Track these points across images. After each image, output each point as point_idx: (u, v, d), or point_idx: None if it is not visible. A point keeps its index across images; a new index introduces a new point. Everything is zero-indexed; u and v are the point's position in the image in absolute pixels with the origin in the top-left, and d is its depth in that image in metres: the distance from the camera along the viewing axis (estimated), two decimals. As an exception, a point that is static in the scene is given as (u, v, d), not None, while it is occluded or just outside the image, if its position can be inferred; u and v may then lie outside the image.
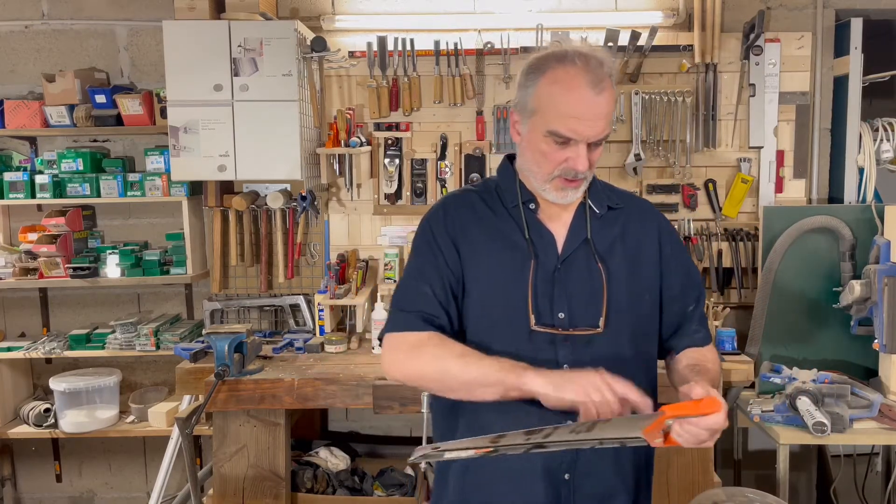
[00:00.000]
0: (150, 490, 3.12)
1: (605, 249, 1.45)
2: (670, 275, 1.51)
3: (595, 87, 1.32)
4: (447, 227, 1.47)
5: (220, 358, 2.44)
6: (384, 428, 3.43)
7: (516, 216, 1.46)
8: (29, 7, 3.25)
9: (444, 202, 1.54)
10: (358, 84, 3.19)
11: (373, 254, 3.25)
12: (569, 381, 1.24)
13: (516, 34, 3.09)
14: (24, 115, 3.11)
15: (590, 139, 1.34)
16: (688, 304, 1.53)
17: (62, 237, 3.14)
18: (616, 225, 1.49)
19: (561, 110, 1.33)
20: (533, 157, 1.41)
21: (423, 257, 1.48)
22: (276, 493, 2.55)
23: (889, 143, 3.08)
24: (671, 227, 1.57)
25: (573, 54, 1.34)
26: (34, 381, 3.43)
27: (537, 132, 1.37)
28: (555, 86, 1.34)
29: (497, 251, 1.44)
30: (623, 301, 1.43)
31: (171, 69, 2.76)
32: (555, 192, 1.40)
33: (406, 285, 1.48)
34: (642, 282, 1.47)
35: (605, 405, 1.21)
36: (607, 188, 1.55)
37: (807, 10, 3.14)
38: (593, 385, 1.22)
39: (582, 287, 1.42)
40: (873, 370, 2.86)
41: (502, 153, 3.16)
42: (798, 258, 2.94)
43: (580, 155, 1.35)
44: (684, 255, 1.57)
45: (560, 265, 1.43)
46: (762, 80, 3.10)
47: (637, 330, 1.46)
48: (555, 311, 1.41)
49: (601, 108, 1.33)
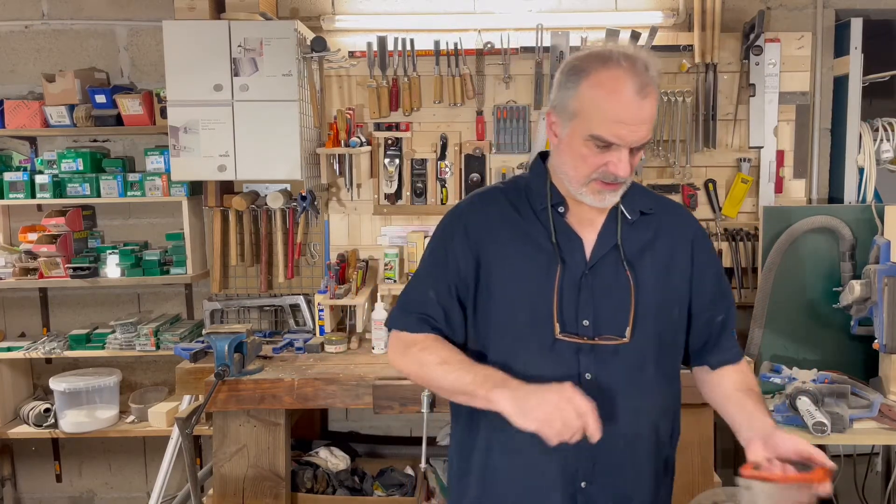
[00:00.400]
0: (150, 490, 3.12)
1: (634, 256, 1.41)
2: (701, 284, 1.47)
3: (640, 91, 1.27)
4: (468, 230, 1.45)
5: (220, 358, 2.44)
6: (384, 428, 3.43)
7: (544, 219, 1.42)
8: (29, 7, 3.25)
9: (469, 202, 1.52)
10: (358, 84, 3.19)
11: (373, 254, 3.25)
12: (532, 407, 1.23)
13: (516, 34, 3.09)
14: (24, 115, 3.11)
15: (632, 144, 1.30)
16: (716, 314, 1.49)
17: (62, 237, 3.14)
18: (648, 231, 1.44)
19: (605, 114, 1.28)
20: (571, 161, 1.35)
21: (436, 258, 1.48)
22: (276, 493, 2.55)
23: (889, 143, 3.08)
24: (705, 235, 1.52)
25: (618, 55, 1.29)
26: (34, 381, 3.43)
27: (578, 135, 1.32)
28: (598, 89, 1.29)
29: (523, 255, 1.41)
30: (650, 310, 1.39)
31: (171, 69, 2.76)
32: (592, 195, 1.35)
33: (414, 285, 1.50)
34: (671, 291, 1.43)
35: (566, 431, 1.21)
36: (643, 192, 1.50)
37: (807, 10, 3.14)
38: (556, 409, 1.21)
39: (609, 294, 1.39)
40: (873, 370, 2.85)
41: (502, 153, 3.17)
42: (798, 258, 2.93)
43: (622, 160, 1.30)
44: (716, 265, 1.52)
45: (587, 271, 1.39)
46: (762, 80, 3.10)
47: (663, 340, 1.42)
48: (580, 318, 1.38)
49: (645, 112, 1.29)
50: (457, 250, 1.44)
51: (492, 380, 1.30)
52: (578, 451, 1.35)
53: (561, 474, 1.39)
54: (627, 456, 1.40)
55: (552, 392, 1.23)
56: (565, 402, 1.21)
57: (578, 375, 1.36)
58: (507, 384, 1.29)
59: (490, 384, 1.29)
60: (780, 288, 2.92)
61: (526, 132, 3.16)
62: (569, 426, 1.20)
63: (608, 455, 1.37)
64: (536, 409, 1.22)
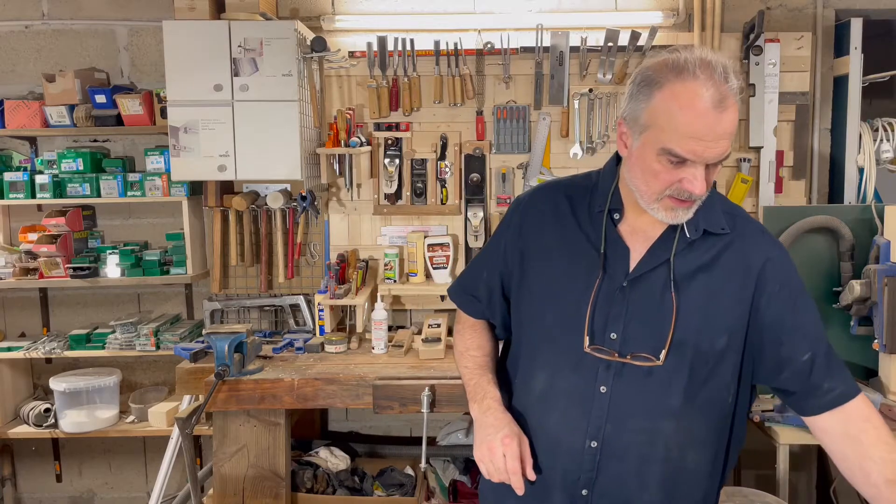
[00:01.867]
0: (150, 490, 3.12)
1: (684, 276, 1.33)
2: (771, 317, 1.33)
3: (719, 104, 1.18)
4: (522, 222, 1.49)
5: (220, 358, 2.44)
6: (384, 428, 3.43)
7: (597, 224, 1.38)
8: (29, 7, 3.25)
9: (532, 191, 1.54)
10: (358, 84, 3.19)
11: (373, 254, 3.25)
12: (478, 441, 1.38)
13: (516, 34, 3.09)
14: (24, 115, 3.11)
15: (710, 161, 1.22)
16: (799, 353, 1.33)
17: (62, 237, 3.14)
18: (709, 252, 1.34)
19: (680, 130, 1.19)
20: (642, 176, 1.28)
21: (493, 243, 1.57)
22: (276, 493, 2.55)
23: (889, 143, 3.08)
24: (785, 264, 1.36)
25: (694, 64, 1.20)
26: (34, 381, 3.43)
27: (650, 149, 1.24)
28: (673, 102, 1.20)
29: (565, 256, 1.39)
30: (690, 336, 1.32)
31: (171, 69, 2.76)
32: (664, 211, 1.28)
33: (475, 262, 1.63)
34: (719, 320, 1.33)
35: (494, 474, 1.35)
36: (717, 207, 1.38)
37: (807, 10, 3.14)
38: (489, 452, 1.35)
39: (647, 312, 1.33)
40: (873, 370, 2.85)
41: (503, 153, 3.17)
42: (798, 258, 2.90)
43: (697, 178, 1.22)
44: (798, 297, 1.35)
45: (626, 283, 1.34)
46: (762, 80, 3.10)
47: (697, 370, 1.33)
48: (608, 331, 1.33)
49: (724, 127, 1.19)
50: (508, 240, 1.50)
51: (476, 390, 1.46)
52: (581, 458, 1.36)
53: (562, 481, 1.39)
54: (634, 475, 1.36)
55: (493, 436, 1.36)
56: (496, 451, 1.34)
57: (593, 387, 1.35)
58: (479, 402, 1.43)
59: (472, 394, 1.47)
60: (780, 288, 2.92)
61: (526, 132, 3.16)
62: (496, 472, 1.34)
63: (613, 469, 1.36)
64: (479, 445, 1.37)
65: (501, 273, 1.51)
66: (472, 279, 1.60)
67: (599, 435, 1.35)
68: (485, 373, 1.50)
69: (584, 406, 1.35)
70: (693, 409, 1.35)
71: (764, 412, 2.61)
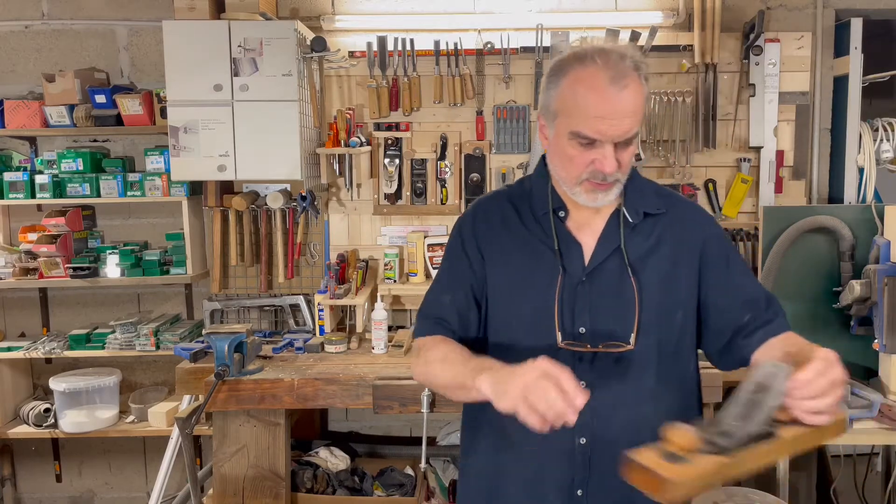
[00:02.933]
0: (150, 490, 3.12)
1: (638, 260, 1.38)
2: (714, 286, 1.40)
3: (616, 83, 1.25)
4: (476, 233, 1.47)
5: (220, 358, 2.44)
6: (384, 428, 3.43)
7: (546, 225, 1.41)
8: (29, 7, 3.25)
9: (475, 207, 1.53)
10: (358, 84, 3.19)
11: (373, 254, 3.25)
12: (508, 387, 1.12)
13: (516, 34, 3.09)
14: (24, 115, 3.11)
15: (615, 139, 1.28)
16: (741, 316, 1.39)
17: (62, 237, 3.14)
18: (653, 233, 1.41)
19: (583, 111, 1.27)
20: (560, 162, 1.35)
21: (450, 263, 1.51)
22: (276, 493, 2.55)
23: (889, 143, 3.08)
24: (719, 233, 1.46)
25: (592, 52, 1.28)
26: (34, 381, 3.42)
27: (562, 135, 1.32)
28: (576, 86, 1.28)
29: (524, 262, 1.41)
30: (653, 316, 1.36)
31: (171, 69, 2.76)
32: (585, 195, 1.34)
33: (430, 291, 1.53)
34: (675, 296, 1.39)
35: (549, 411, 1.07)
36: (649, 190, 1.45)
37: (807, 10, 3.14)
38: (533, 385, 1.09)
39: (609, 300, 1.37)
40: (873, 370, 2.85)
41: (502, 153, 3.17)
42: (798, 258, 2.93)
43: (607, 156, 1.28)
44: (734, 264, 1.43)
45: (585, 277, 1.37)
46: (762, 80, 3.10)
47: (664, 346, 1.38)
48: (576, 325, 1.36)
49: (625, 104, 1.26)
50: (469, 253, 1.46)
51: (480, 366, 1.25)
52: (573, 458, 1.36)
53: (556, 481, 1.39)
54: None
55: (529, 370, 1.12)
56: (542, 377, 1.09)
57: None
58: (491, 367, 1.23)
59: (477, 371, 1.23)
60: (780, 288, 2.92)
61: (526, 132, 3.16)
62: (551, 406, 1.07)
63: (605, 464, 1.36)
64: (512, 387, 1.12)
65: (472, 286, 1.45)
66: (435, 308, 1.48)
67: (587, 430, 1.36)
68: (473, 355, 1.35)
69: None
70: (668, 389, 1.40)
71: (764, 412, 2.61)
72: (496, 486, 1.45)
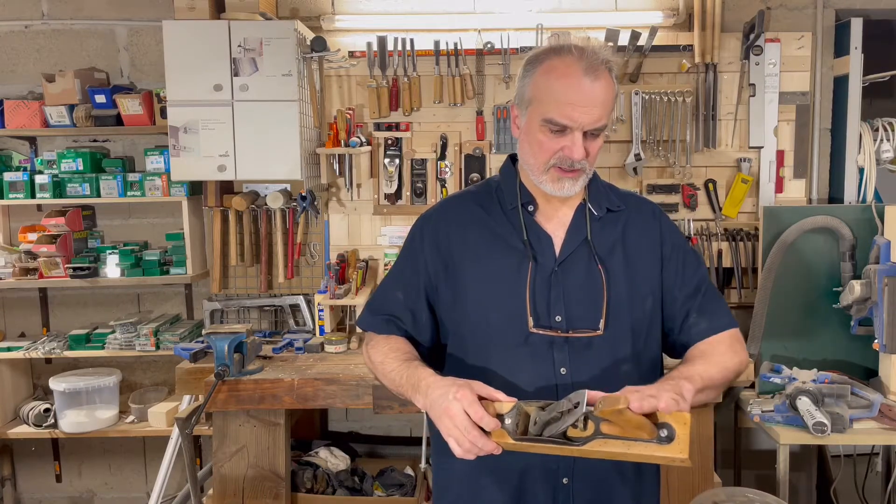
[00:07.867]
0: (150, 490, 3.12)
1: (605, 251, 1.44)
2: (669, 273, 1.48)
3: (590, 73, 1.31)
4: (437, 232, 1.49)
5: (220, 358, 2.44)
6: (384, 428, 3.43)
7: (514, 219, 1.45)
8: (29, 7, 3.25)
9: (439, 206, 1.57)
10: (358, 84, 3.19)
11: (373, 254, 3.25)
12: (438, 414, 1.22)
13: (516, 34, 3.09)
14: (24, 115, 3.11)
15: (585, 127, 1.33)
16: (685, 306, 1.48)
17: (62, 237, 3.14)
18: (616, 227, 1.47)
19: (556, 97, 1.32)
20: (530, 148, 1.40)
21: (405, 261, 1.54)
22: (276, 493, 2.55)
23: (889, 143, 3.08)
24: (672, 226, 1.54)
25: (569, 45, 1.35)
26: (34, 381, 3.42)
27: (534, 122, 1.36)
28: (550, 74, 1.34)
29: (494, 256, 1.44)
30: (623, 303, 1.42)
31: (171, 69, 2.76)
32: (551, 183, 1.38)
33: (383, 287, 1.57)
34: (642, 284, 1.45)
35: (466, 437, 1.17)
36: (608, 189, 1.53)
37: (807, 10, 3.14)
38: (451, 419, 1.18)
39: (581, 289, 1.41)
40: (873, 370, 2.85)
41: (502, 153, 3.17)
42: (798, 258, 2.93)
43: (575, 143, 1.33)
44: (684, 252, 1.51)
45: (557, 267, 1.42)
46: (762, 80, 3.10)
47: (637, 333, 1.44)
48: (552, 314, 1.40)
49: (596, 94, 1.32)
50: (426, 254, 1.49)
51: (411, 382, 1.35)
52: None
53: (542, 468, 1.40)
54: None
55: (447, 402, 1.20)
56: (455, 412, 1.18)
57: (554, 368, 1.38)
58: (418, 387, 1.32)
59: (411, 387, 1.35)
60: (781, 288, 2.92)
61: (526, 132, 3.16)
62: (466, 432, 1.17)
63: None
64: (439, 421, 1.22)
65: (425, 288, 1.48)
66: (386, 302, 1.53)
67: None
68: (411, 362, 1.41)
69: (548, 393, 1.37)
70: (639, 371, 1.43)
71: (764, 412, 2.61)
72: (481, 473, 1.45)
